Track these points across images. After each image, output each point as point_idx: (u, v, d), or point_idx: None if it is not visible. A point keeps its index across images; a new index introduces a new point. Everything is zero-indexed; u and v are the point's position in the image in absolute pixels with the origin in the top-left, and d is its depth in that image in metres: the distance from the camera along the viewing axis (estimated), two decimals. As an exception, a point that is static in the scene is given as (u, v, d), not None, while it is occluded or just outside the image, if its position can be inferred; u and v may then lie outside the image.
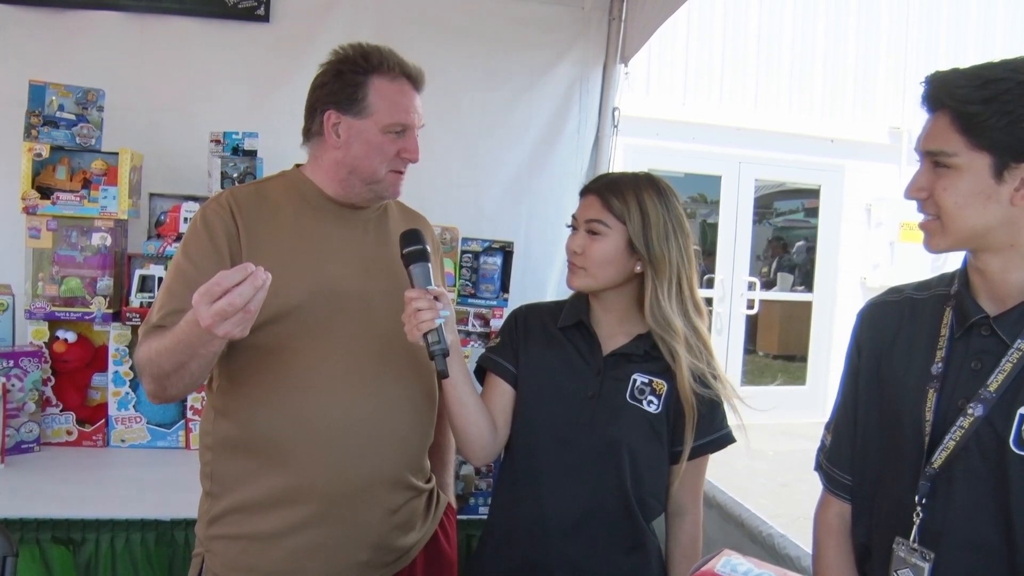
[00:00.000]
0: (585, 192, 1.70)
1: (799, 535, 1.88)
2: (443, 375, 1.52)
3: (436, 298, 1.51)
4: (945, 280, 1.32)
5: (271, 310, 1.53)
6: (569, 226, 1.70)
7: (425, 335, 1.50)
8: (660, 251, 1.61)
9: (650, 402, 1.63)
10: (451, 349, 1.54)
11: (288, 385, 1.57)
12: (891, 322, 1.34)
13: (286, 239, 1.62)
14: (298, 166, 1.75)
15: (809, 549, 1.63)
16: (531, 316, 1.77)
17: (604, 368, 1.65)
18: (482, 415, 1.66)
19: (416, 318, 1.49)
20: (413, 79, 1.67)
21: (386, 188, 1.68)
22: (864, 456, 1.36)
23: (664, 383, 1.63)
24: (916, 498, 1.22)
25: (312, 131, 1.69)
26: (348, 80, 1.62)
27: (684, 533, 1.71)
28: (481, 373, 1.78)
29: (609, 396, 1.64)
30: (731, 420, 1.70)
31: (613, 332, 1.68)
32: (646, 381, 1.64)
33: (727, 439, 1.69)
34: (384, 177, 1.65)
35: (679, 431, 1.64)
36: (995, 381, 1.17)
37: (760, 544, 1.92)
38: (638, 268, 1.63)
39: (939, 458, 1.20)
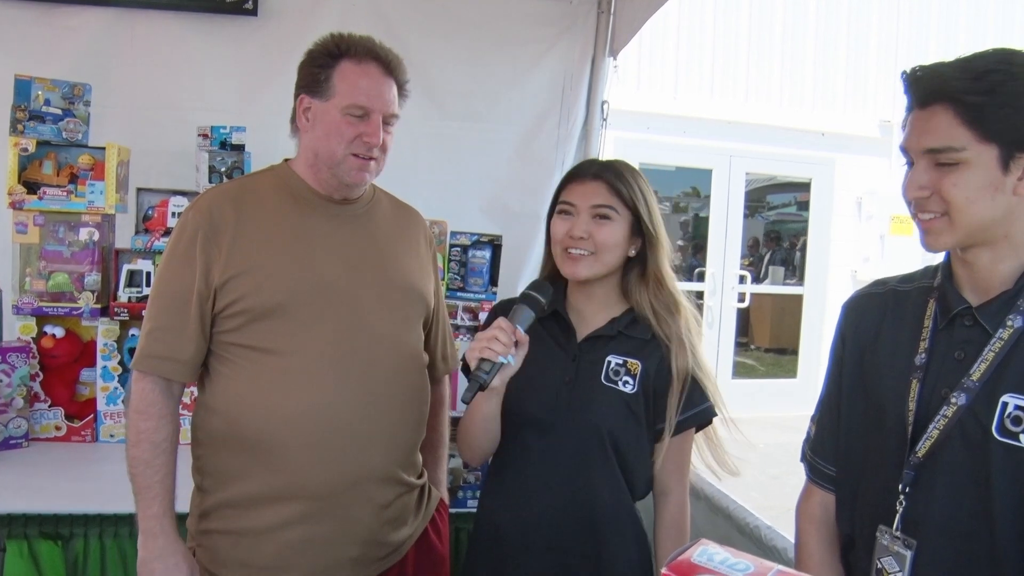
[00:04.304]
0: (583, 178, 1.67)
1: (788, 527, 1.88)
2: (463, 399, 1.52)
3: (516, 343, 1.52)
4: (929, 273, 1.33)
5: (258, 307, 1.53)
6: (561, 212, 1.68)
7: (480, 360, 1.50)
8: (658, 232, 1.66)
9: (625, 383, 1.64)
10: (490, 391, 1.53)
11: (277, 382, 1.57)
12: (875, 314, 1.35)
13: (272, 236, 1.61)
14: (287, 161, 1.74)
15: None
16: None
17: (579, 353, 1.67)
18: (498, 431, 1.66)
19: (488, 343, 1.50)
20: (384, 64, 1.64)
21: (347, 173, 1.63)
22: (848, 446, 1.37)
23: (638, 363, 1.64)
24: (899, 487, 1.23)
25: (294, 121, 1.69)
26: (317, 63, 1.63)
27: (668, 513, 1.70)
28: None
29: (584, 380, 1.65)
30: (723, 414, 1.71)
31: (594, 317, 1.70)
32: (620, 362, 1.65)
33: (709, 412, 1.69)
34: (343, 160, 1.61)
35: (659, 409, 1.64)
36: (978, 370, 1.17)
37: (747, 536, 1.93)
38: (632, 252, 1.66)
39: (923, 447, 1.21)
